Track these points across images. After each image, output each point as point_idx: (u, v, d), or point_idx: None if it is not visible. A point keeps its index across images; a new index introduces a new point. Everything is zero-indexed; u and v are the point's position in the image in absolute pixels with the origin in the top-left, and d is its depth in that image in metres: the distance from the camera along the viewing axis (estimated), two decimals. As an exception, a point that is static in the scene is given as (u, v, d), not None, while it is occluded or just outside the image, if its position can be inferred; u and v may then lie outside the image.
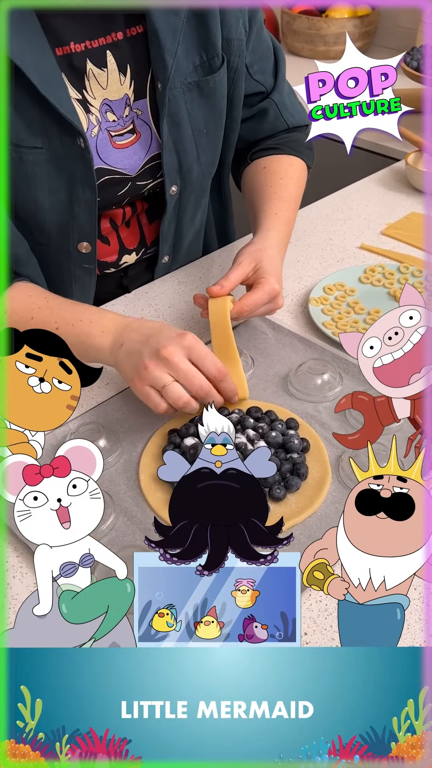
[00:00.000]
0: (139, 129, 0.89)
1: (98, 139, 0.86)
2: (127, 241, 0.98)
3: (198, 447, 0.69)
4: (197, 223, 1.05)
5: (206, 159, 0.96)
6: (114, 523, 0.67)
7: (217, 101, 0.93)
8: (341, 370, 0.84)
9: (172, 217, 0.97)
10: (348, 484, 0.70)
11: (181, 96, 0.88)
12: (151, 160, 0.91)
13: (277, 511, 0.67)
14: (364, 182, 1.30)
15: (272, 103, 1.02)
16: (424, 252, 1.08)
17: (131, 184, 0.91)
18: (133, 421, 0.78)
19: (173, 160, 0.92)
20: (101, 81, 0.85)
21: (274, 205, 0.95)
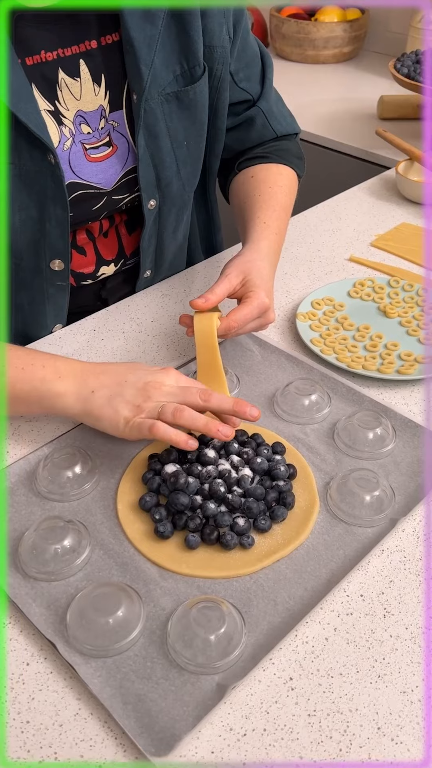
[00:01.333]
0: (116, 141, 0.86)
1: (71, 153, 0.83)
2: (105, 252, 0.95)
3: (179, 475, 0.65)
4: (179, 237, 1.01)
5: (187, 172, 0.93)
6: (89, 556, 0.63)
7: (197, 112, 0.89)
8: (329, 390, 0.80)
9: (152, 232, 0.94)
10: (336, 513, 0.66)
11: (159, 107, 0.85)
12: (128, 173, 0.88)
13: (261, 544, 0.63)
14: (353, 191, 1.27)
15: (259, 112, 0.99)
16: (414, 265, 1.05)
17: (107, 198, 0.88)
18: (112, 444, 0.74)
19: (150, 173, 0.88)
20: (74, 91, 0.81)
21: (263, 214, 0.91)
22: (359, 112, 1.64)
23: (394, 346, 0.87)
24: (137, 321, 0.94)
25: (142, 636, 0.57)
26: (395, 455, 0.73)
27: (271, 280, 0.83)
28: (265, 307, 0.79)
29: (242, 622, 0.57)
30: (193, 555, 0.63)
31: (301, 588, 0.60)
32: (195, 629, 0.55)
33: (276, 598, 0.59)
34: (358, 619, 0.59)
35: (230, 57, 0.90)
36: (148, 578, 0.61)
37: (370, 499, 0.66)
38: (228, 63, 0.90)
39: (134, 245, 0.96)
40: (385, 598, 0.60)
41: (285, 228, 0.93)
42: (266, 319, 0.81)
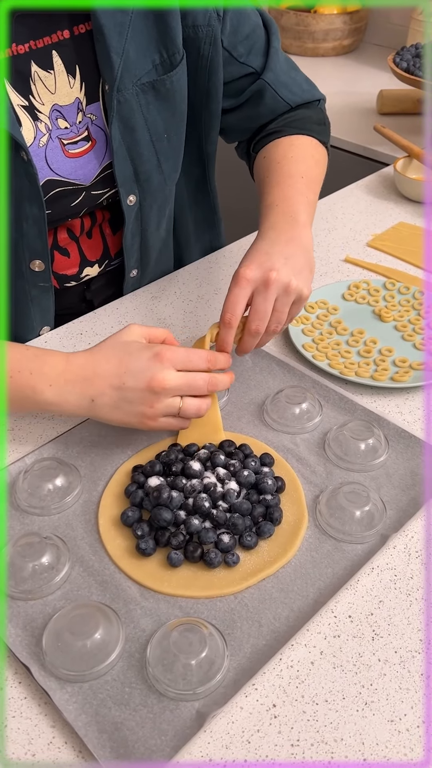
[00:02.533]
0: (95, 136, 0.83)
1: (48, 149, 0.80)
2: (89, 252, 0.92)
3: (162, 489, 0.63)
4: (163, 232, 0.98)
5: (169, 166, 0.89)
6: (68, 574, 0.61)
7: (177, 102, 0.86)
8: (321, 398, 0.78)
9: (135, 229, 0.91)
10: (326, 529, 0.64)
11: (134, 98, 0.81)
12: (107, 168, 0.85)
13: (247, 561, 0.61)
14: (350, 189, 1.24)
15: (265, 84, 0.91)
16: (412, 266, 1.03)
17: (85, 193, 0.85)
18: (95, 455, 0.72)
19: (127, 168, 0.85)
20: (48, 84, 0.78)
21: (269, 197, 0.80)
22: (358, 107, 1.60)
23: (388, 352, 0.84)
24: (126, 324, 0.92)
25: (121, 659, 0.55)
26: (388, 467, 0.70)
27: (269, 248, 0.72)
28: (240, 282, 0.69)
29: (224, 646, 0.54)
30: (175, 573, 0.60)
31: (287, 608, 0.58)
32: (175, 653, 0.53)
33: (261, 620, 0.57)
34: (346, 641, 0.56)
35: (222, 34, 0.86)
36: (129, 597, 0.59)
37: (361, 515, 0.64)
38: (218, 41, 0.85)
39: (119, 245, 0.94)
40: (374, 619, 0.58)
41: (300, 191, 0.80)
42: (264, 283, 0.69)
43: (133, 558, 0.62)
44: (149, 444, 0.73)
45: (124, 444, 0.73)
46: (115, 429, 0.74)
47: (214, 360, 0.68)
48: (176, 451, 0.69)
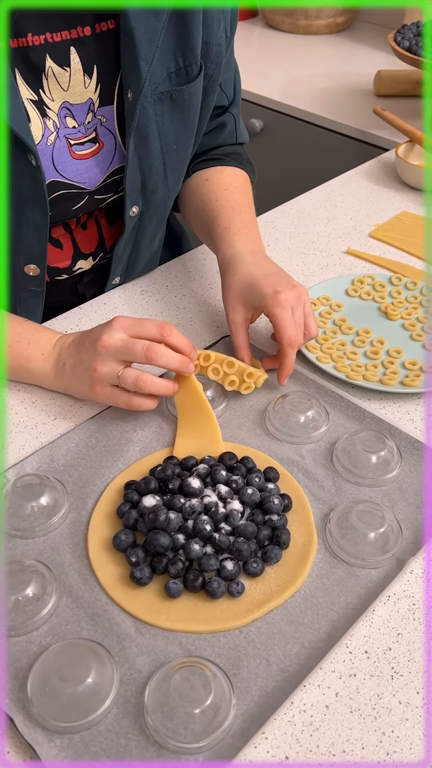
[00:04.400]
0: (102, 138, 0.76)
1: (55, 149, 0.73)
2: (84, 244, 0.85)
3: (158, 511, 0.57)
4: (156, 245, 0.92)
5: (174, 179, 0.84)
6: (56, 606, 0.55)
7: (190, 114, 0.80)
8: (327, 404, 0.72)
9: (129, 240, 0.85)
10: (337, 553, 0.59)
11: (152, 107, 0.75)
12: (114, 173, 0.79)
13: (252, 590, 0.56)
14: (349, 175, 1.18)
15: (231, 117, 0.92)
16: (417, 259, 0.97)
17: (88, 198, 0.79)
18: (83, 468, 0.66)
19: (137, 178, 0.79)
20: (62, 81, 0.71)
21: (226, 219, 0.83)
22: (354, 88, 1.53)
23: (397, 353, 0.79)
24: (114, 321, 0.85)
25: (116, 706, 0.49)
26: (401, 481, 0.65)
27: (266, 270, 0.75)
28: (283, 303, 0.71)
29: (230, 689, 0.49)
30: (174, 605, 0.55)
31: (298, 644, 0.53)
32: (176, 700, 0.48)
33: (269, 657, 0.52)
34: (363, 681, 0.51)
35: (224, 56, 0.81)
36: (123, 633, 0.53)
37: (375, 537, 0.58)
38: (222, 63, 0.81)
39: (115, 237, 0.87)
40: (392, 655, 0.53)
41: (251, 219, 0.85)
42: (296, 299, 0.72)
43: (126, 587, 0.56)
44: (143, 456, 0.67)
45: (115, 455, 0.67)
46: (105, 438, 0.68)
47: (168, 330, 0.65)
48: (173, 465, 0.64)
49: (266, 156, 1.60)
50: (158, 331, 0.65)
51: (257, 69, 1.64)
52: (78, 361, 0.68)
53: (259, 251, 0.79)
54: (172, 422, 0.71)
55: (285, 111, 1.49)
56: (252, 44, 1.80)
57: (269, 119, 1.54)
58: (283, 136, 1.54)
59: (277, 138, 1.55)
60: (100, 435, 0.69)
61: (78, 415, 0.71)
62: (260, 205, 1.23)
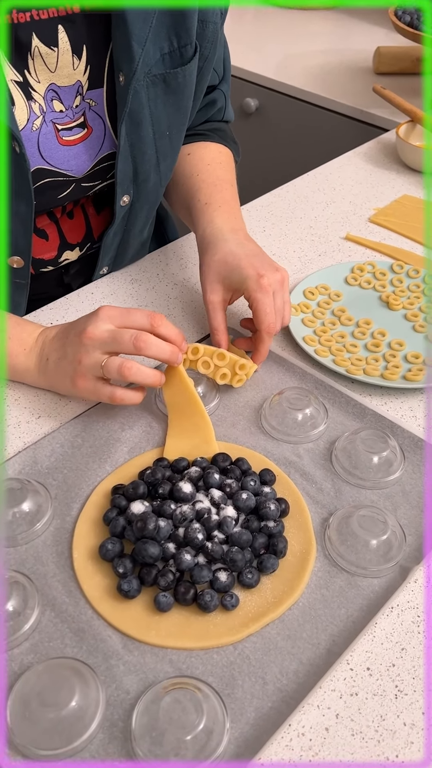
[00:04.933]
0: (91, 123, 0.72)
1: (41, 134, 0.69)
2: (70, 234, 0.81)
3: (147, 519, 0.53)
4: (145, 234, 0.88)
5: (166, 165, 0.80)
6: (38, 620, 0.52)
7: (184, 98, 0.76)
8: (326, 401, 0.69)
9: (119, 230, 0.81)
10: (336, 561, 0.55)
11: (144, 91, 0.71)
12: (103, 160, 0.74)
13: (248, 603, 0.53)
14: (348, 157, 1.13)
15: (221, 95, 0.87)
16: (419, 245, 0.93)
17: (75, 186, 0.74)
18: (68, 471, 0.62)
19: (128, 167, 0.75)
20: (49, 62, 0.67)
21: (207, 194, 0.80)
22: (353, 66, 1.48)
23: (399, 346, 0.75)
24: (102, 312, 0.81)
25: (101, 730, 0.46)
26: (404, 483, 0.62)
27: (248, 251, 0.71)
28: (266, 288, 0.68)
29: (224, 711, 0.46)
30: (164, 619, 0.52)
31: (296, 661, 0.50)
32: (165, 725, 0.44)
33: (265, 675, 0.49)
34: (365, 701, 0.48)
35: (219, 36, 0.77)
36: (109, 650, 0.50)
37: (377, 544, 0.55)
38: (218, 43, 0.77)
39: (104, 226, 0.83)
40: (396, 671, 0.50)
41: (233, 197, 0.82)
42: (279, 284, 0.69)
43: (114, 600, 0.52)
44: (131, 457, 0.63)
45: (102, 457, 0.63)
46: (92, 438, 0.65)
47: (158, 320, 0.61)
48: (162, 467, 0.60)
49: (261, 137, 1.55)
50: (148, 321, 0.61)
51: (252, 45, 1.58)
52: (62, 355, 0.64)
53: (240, 229, 0.76)
54: (162, 421, 0.67)
55: (281, 90, 1.44)
56: (246, 19, 1.74)
57: (264, 98, 1.49)
58: (278, 116, 1.48)
59: (272, 118, 1.50)
60: (87, 435, 0.65)
61: (63, 414, 0.68)
62: (255, 188, 1.18)
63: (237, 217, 0.78)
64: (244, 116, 1.54)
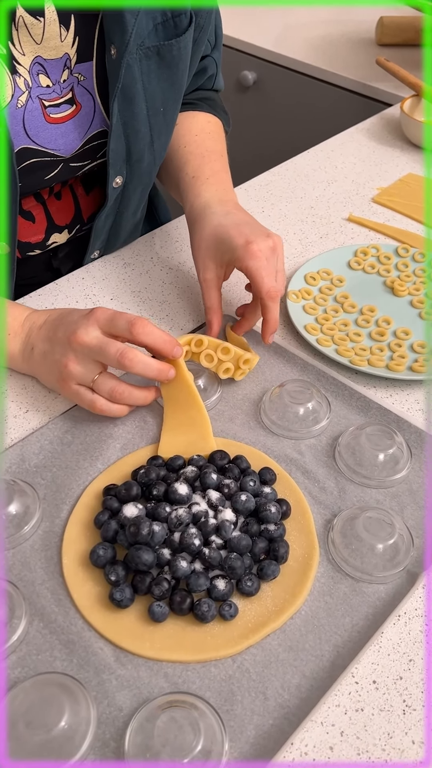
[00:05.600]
0: (80, 99, 0.68)
1: (27, 111, 0.65)
2: (58, 216, 0.77)
3: (141, 524, 0.50)
4: (138, 216, 0.84)
5: (160, 144, 0.75)
6: (25, 631, 0.49)
7: (179, 72, 0.71)
8: (329, 393, 0.66)
9: (111, 212, 0.77)
10: (341, 566, 0.53)
11: (137, 65, 0.66)
12: (92, 139, 0.70)
13: (247, 612, 0.50)
14: (350, 133, 1.08)
15: (212, 62, 0.83)
16: (423, 226, 0.89)
17: (63, 166, 0.70)
18: (57, 469, 0.59)
19: (121, 146, 0.71)
20: (35, 33, 0.62)
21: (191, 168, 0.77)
22: (354, 36, 1.42)
23: (404, 334, 0.72)
24: (92, 299, 0.77)
25: (92, 751, 0.43)
26: (410, 481, 0.59)
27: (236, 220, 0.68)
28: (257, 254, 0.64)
29: (222, 731, 0.43)
30: (159, 630, 0.49)
31: (298, 674, 0.47)
32: (160, 746, 0.42)
33: (266, 690, 0.46)
34: (371, 717, 0.46)
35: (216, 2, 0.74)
36: (101, 664, 0.47)
37: (383, 549, 0.52)
38: (214, 12, 0.73)
39: (94, 208, 0.79)
40: (404, 685, 0.47)
41: (226, 168, 0.79)
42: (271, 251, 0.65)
43: (105, 610, 0.50)
44: (124, 454, 0.60)
45: (93, 455, 0.60)
46: (83, 435, 0.61)
47: (139, 328, 0.56)
48: (157, 467, 0.57)
49: (259, 112, 1.49)
50: (128, 329, 0.56)
51: (249, 15, 1.52)
52: (48, 349, 0.60)
53: (229, 200, 0.72)
54: (157, 415, 0.64)
55: (279, 62, 1.38)
56: (244, -12, 1.67)
57: (263, 71, 1.43)
58: (277, 90, 1.43)
59: (271, 92, 1.45)
60: (77, 430, 0.62)
61: (52, 408, 0.64)
62: (253, 166, 1.14)
63: (226, 189, 0.74)
64: (241, 90, 1.48)
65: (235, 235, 0.65)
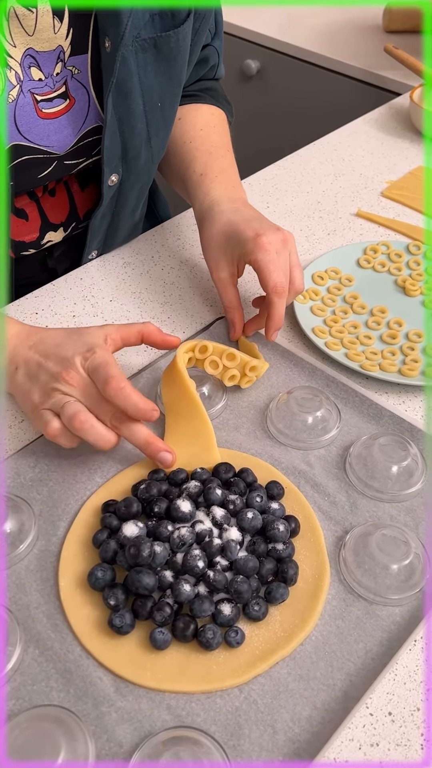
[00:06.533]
0: (74, 93, 0.64)
1: (18, 106, 0.62)
2: (53, 214, 0.74)
3: (141, 545, 0.47)
4: (137, 216, 0.80)
5: (158, 141, 0.72)
6: (20, 659, 0.46)
7: (177, 65, 0.68)
8: (338, 400, 0.63)
9: (107, 211, 0.73)
10: (353, 587, 0.50)
11: (133, 57, 0.63)
12: (87, 135, 0.67)
13: (254, 638, 0.47)
14: (357, 124, 1.05)
15: (214, 51, 0.80)
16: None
17: (57, 163, 0.67)
18: (54, 483, 0.56)
19: (116, 143, 0.68)
20: (27, 25, 0.59)
21: (198, 165, 0.74)
22: (361, 23, 1.38)
23: (417, 337, 0.69)
24: (91, 301, 0.74)
25: (90, 792, 0.41)
26: (426, 495, 0.56)
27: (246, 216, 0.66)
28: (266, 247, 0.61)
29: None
30: (161, 658, 0.46)
31: (309, 705, 0.44)
32: (163, 788, 0.39)
33: (275, 723, 0.44)
34: (387, 752, 0.43)
35: None
36: (100, 695, 0.45)
37: (398, 569, 0.49)
38: None
39: (90, 205, 0.76)
40: (421, 716, 0.44)
41: (233, 164, 0.77)
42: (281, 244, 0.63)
43: (105, 636, 0.47)
44: (124, 467, 0.57)
45: (91, 468, 0.57)
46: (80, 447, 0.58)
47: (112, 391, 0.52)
48: (158, 481, 0.54)
49: (263, 102, 1.45)
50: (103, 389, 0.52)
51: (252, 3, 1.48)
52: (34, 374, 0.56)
53: (239, 198, 0.70)
54: (159, 425, 0.61)
55: (284, 50, 1.34)
56: (247, -26, 1.63)
57: (267, 60, 1.39)
58: (282, 79, 1.39)
59: (275, 81, 1.40)
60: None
61: (49, 417, 0.61)
62: (256, 159, 1.10)
63: (236, 186, 0.72)
64: (245, 79, 1.44)
65: (245, 229, 0.63)
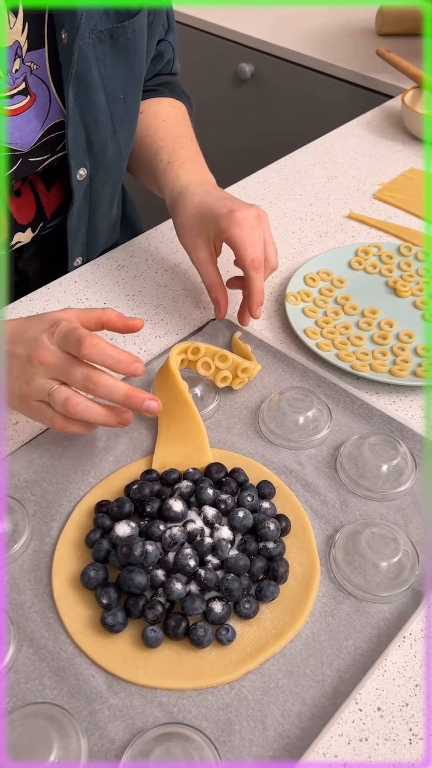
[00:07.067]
0: (34, 89, 0.65)
1: None
2: (20, 214, 0.74)
3: (133, 544, 0.48)
4: (114, 213, 0.81)
5: (124, 133, 0.73)
6: (14, 658, 0.47)
7: (136, 56, 0.69)
8: (329, 400, 0.63)
9: (83, 209, 0.74)
10: (343, 584, 0.50)
11: (91, 49, 0.64)
12: (50, 130, 0.67)
13: (245, 636, 0.48)
14: (349, 127, 1.05)
15: (168, 46, 0.81)
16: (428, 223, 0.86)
17: (22, 161, 0.68)
18: (48, 484, 0.57)
19: (80, 135, 0.68)
20: None
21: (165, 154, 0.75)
22: (354, 26, 1.39)
23: (408, 338, 0.69)
24: (86, 303, 0.75)
25: (83, 787, 0.41)
26: (415, 493, 0.57)
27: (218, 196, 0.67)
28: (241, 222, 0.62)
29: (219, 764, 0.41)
30: (153, 656, 0.47)
31: (299, 701, 0.45)
32: (154, 783, 0.40)
33: (265, 719, 0.44)
34: (376, 747, 0.44)
35: None
36: (93, 692, 0.45)
37: (387, 567, 0.50)
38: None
39: (55, 203, 0.76)
40: (410, 712, 0.45)
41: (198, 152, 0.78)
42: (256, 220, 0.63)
43: (97, 634, 0.48)
44: (117, 468, 0.58)
45: (84, 468, 0.58)
46: (74, 447, 0.59)
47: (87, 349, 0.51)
48: (150, 481, 0.55)
49: (256, 105, 1.46)
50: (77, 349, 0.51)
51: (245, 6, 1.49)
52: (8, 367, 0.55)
53: (208, 181, 0.72)
54: (152, 426, 0.61)
55: (277, 54, 1.35)
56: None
57: (259, 63, 1.40)
58: (275, 83, 1.40)
59: (268, 84, 1.41)
60: (69, 443, 0.60)
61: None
62: (249, 162, 1.11)
63: (203, 171, 0.73)
64: (238, 83, 1.45)
65: (219, 207, 0.64)
